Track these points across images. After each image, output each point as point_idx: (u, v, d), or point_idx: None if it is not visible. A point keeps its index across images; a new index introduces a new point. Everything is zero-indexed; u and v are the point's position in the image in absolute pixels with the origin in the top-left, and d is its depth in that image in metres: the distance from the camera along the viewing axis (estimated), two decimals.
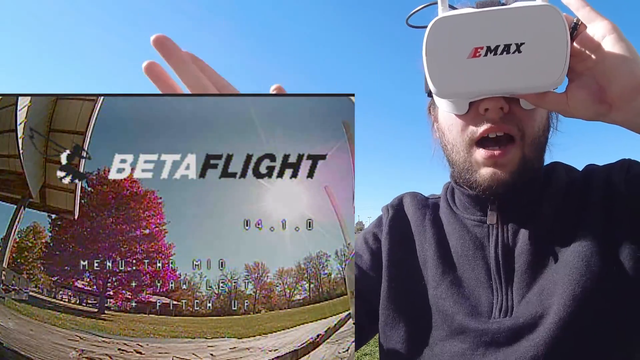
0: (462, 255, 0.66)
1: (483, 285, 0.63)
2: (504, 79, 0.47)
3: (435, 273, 0.66)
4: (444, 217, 0.72)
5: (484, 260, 0.64)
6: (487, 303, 0.61)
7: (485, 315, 0.60)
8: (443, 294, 0.64)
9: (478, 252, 0.65)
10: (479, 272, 0.64)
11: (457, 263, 0.66)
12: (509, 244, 0.62)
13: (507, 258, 0.62)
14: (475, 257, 0.64)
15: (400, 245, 0.73)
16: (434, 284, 0.66)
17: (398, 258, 0.71)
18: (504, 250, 0.62)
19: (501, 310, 0.59)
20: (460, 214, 0.69)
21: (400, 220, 0.75)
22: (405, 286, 0.69)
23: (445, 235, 0.70)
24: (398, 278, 0.70)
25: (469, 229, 0.67)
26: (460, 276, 0.65)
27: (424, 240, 0.71)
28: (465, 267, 0.65)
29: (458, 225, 0.68)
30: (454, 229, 0.69)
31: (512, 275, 0.61)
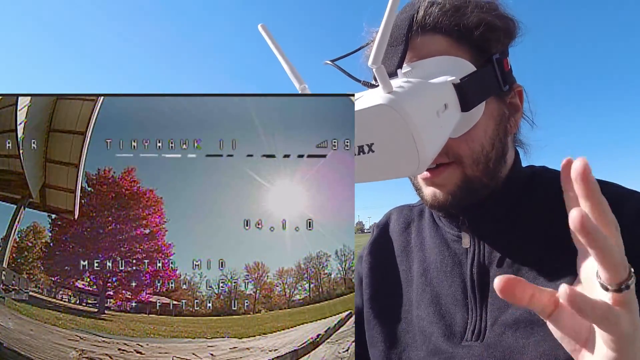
0: (441, 271, 0.64)
1: (459, 303, 0.61)
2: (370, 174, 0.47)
3: (417, 293, 0.66)
4: (427, 230, 0.70)
5: (461, 278, 0.62)
6: (461, 323, 0.59)
7: (459, 337, 0.59)
8: (422, 313, 0.63)
9: (456, 268, 0.63)
10: (455, 289, 0.62)
11: (436, 279, 0.65)
12: (484, 262, 0.60)
13: (483, 277, 0.60)
14: (452, 274, 0.63)
15: (381, 266, 0.72)
16: (416, 304, 0.65)
17: (378, 279, 0.71)
18: (479, 268, 0.60)
19: (474, 332, 0.58)
20: (442, 226, 0.67)
21: (383, 242, 0.75)
22: (384, 306, 0.69)
23: (427, 250, 0.69)
24: (377, 298, 0.70)
25: (449, 245, 0.65)
26: (438, 293, 0.63)
27: (409, 261, 0.70)
28: (444, 284, 0.63)
29: (439, 239, 0.67)
30: (435, 244, 0.67)
31: (487, 294, 0.59)
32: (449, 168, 0.57)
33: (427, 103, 0.47)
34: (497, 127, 0.58)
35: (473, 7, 0.56)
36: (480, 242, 0.62)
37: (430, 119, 0.46)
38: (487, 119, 0.56)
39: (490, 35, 0.56)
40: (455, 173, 0.57)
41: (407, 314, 0.66)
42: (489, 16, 0.56)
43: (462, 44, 0.55)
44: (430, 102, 0.48)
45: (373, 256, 0.74)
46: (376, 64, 0.42)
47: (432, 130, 0.46)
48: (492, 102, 0.57)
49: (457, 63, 0.54)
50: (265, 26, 0.56)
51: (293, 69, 0.55)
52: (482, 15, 0.56)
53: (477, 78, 0.53)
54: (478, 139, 0.56)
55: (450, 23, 0.55)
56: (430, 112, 0.47)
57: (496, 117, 0.58)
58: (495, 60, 0.56)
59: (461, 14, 0.55)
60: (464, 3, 0.56)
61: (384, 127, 0.44)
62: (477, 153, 0.57)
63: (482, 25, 0.55)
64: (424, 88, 0.48)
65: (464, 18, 0.55)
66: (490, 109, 0.57)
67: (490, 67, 0.55)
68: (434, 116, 0.47)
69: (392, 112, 0.43)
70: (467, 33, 0.55)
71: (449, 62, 0.54)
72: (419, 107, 0.44)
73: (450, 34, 0.55)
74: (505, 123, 0.60)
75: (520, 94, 0.62)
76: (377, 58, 0.42)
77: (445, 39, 0.55)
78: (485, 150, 0.57)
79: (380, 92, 0.44)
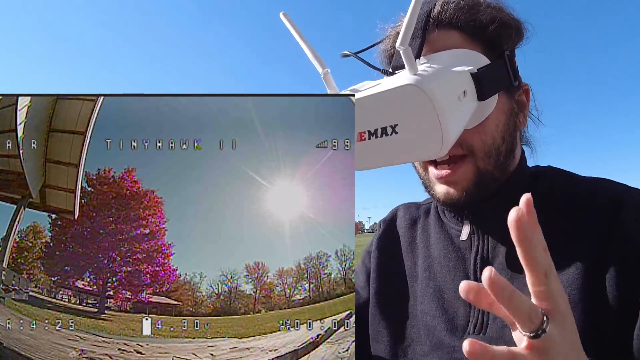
0: (444, 266, 0.65)
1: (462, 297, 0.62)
2: (391, 156, 0.48)
3: (421, 287, 0.67)
4: (432, 226, 0.72)
5: (464, 272, 0.63)
6: (464, 317, 0.60)
7: (461, 330, 0.60)
8: (426, 308, 0.64)
9: (459, 263, 0.64)
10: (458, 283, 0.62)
11: (440, 274, 0.66)
12: (488, 257, 0.61)
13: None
14: (456, 269, 0.64)
15: (388, 261, 0.73)
16: (420, 299, 0.66)
17: (384, 273, 0.72)
18: (483, 263, 0.61)
19: (476, 326, 0.58)
20: (446, 222, 0.69)
21: (390, 236, 0.76)
22: (390, 301, 0.69)
23: (432, 245, 0.70)
24: (383, 293, 0.71)
25: (452, 240, 0.66)
26: (441, 287, 0.64)
27: (414, 257, 0.71)
28: (447, 279, 0.64)
29: (443, 235, 0.68)
30: (439, 239, 0.68)
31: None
32: (463, 164, 0.58)
33: (450, 87, 0.48)
34: (508, 121, 0.60)
35: (486, 5, 0.59)
36: (485, 237, 0.62)
37: (454, 103, 0.47)
38: (498, 112, 0.58)
39: (503, 31, 0.58)
40: (468, 168, 0.58)
41: (413, 309, 0.67)
42: (501, 14, 0.58)
43: (476, 39, 0.57)
44: (453, 86, 0.49)
45: (380, 251, 0.75)
46: (404, 45, 0.43)
47: (455, 113, 0.47)
48: (502, 97, 0.59)
49: (472, 56, 0.56)
50: (287, 14, 0.57)
51: (315, 54, 0.56)
52: (495, 12, 0.58)
53: (491, 70, 0.55)
54: (490, 131, 0.58)
55: (465, 19, 0.57)
56: (453, 96, 0.48)
57: (507, 111, 0.60)
58: (507, 56, 0.58)
59: (475, 11, 0.58)
60: (477, 1, 0.59)
61: (410, 107, 0.44)
62: (489, 145, 0.58)
63: (495, 21, 0.57)
64: (446, 73, 0.49)
65: (478, 15, 0.58)
66: (501, 103, 0.58)
67: (502, 62, 0.58)
68: (456, 100, 0.48)
69: (420, 92, 0.44)
70: (481, 29, 0.57)
71: (464, 54, 0.56)
72: (444, 89, 0.46)
73: (465, 29, 0.58)
74: (514, 118, 0.61)
75: (527, 92, 0.64)
76: (405, 39, 0.43)
77: (459, 34, 0.58)
78: (496, 144, 0.58)
79: (406, 74, 0.45)
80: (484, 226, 0.63)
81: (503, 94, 0.58)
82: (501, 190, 0.61)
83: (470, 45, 0.57)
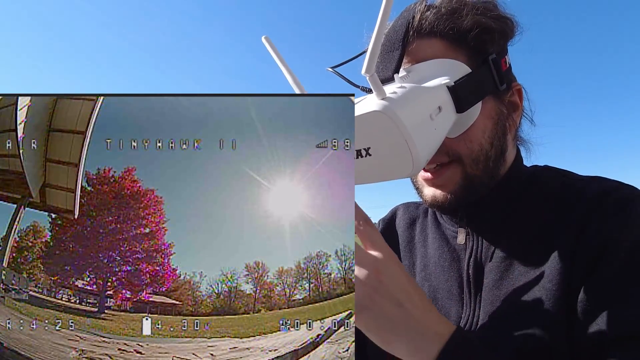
0: (439, 266, 0.66)
1: (455, 298, 0.62)
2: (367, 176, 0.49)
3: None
4: (430, 226, 0.72)
5: (458, 273, 0.63)
6: (456, 317, 0.61)
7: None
8: None
9: (454, 264, 0.64)
10: (452, 284, 0.63)
11: (434, 274, 0.66)
12: (481, 258, 0.61)
13: (478, 273, 0.61)
14: (450, 269, 0.64)
15: None
16: None
17: None
18: (476, 264, 0.61)
19: (466, 326, 0.59)
20: (443, 223, 0.69)
21: (388, 236, 0.76)
22: None
23: (429, 245, 0.70)
24: None
25: (448, 241, 0.67)
26: (435, 288, 0.65)
27: (412, 256, 0.72)
28: (441, 279, 0.65)
29: (439, 235, 0.69)
30: (435, 239, 0.69)
31: (481, 290, 0.60)
32: (450, 168, 0.58)
33: (420, 107, 0.48)
34: (496, 126, 0.59)
35: (468, 9, 0.57)
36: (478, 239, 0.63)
37: (424, 122, 0.48)
38: (484, 118, 0.57)
39: (486, 36, 0.57)
40: (456, 172, 0.58)
41: None
42: (483, 18, 0.57)
43: (458, 47, 0.56)
44: (424, 106, 0.49)
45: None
46: (369, 72, 0.43)
47: (426, 133, 0.48)
48: (489, 102, 0.58)
49: (452, 65, 0.55)
50: (269, 38, 0.57)
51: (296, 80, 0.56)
52: (477, 17, 0.57)
53: (472, 79, 0.55)
54: (477, 139, 0.57)
55: (446, 26, 0.56)
56: (423, 116, 0.48)
57: (494, 116, 0.59)
58: (492, 61, 0.57)
59: (456, 17, 0.57)
60: (459, 6, 0.58)
61: (378, 132, 0.45)
62: (477, 152, 0.58)
63: (476, 27, 0.56)
64: (418, 93, 0.49)
65: (459, 21, 0.56)
66: (488, 108, 0.58)
67: (486, 67, 0.56)
68: (427, 120, 0.49)
69: (385, 118, 0.44)
70: (462, 35, 0.56)
71: (444, 64, 0.55)
72: (411, 112, 0.46)
73: (446, 37, 0.56)
74: (503, 122, 0.60)
75: (519, 92, 0.63)
76: (369, 67, 0.43)
77: (441, 42, 0.56)
78: (484, 149, 0.58)
79: (374, 99, 0.46)
80: (478, 228, 0.63)
81: (490, 98, 0.58)
82: (493, 192, 0.61)
83: (452, 53, 0.56)
